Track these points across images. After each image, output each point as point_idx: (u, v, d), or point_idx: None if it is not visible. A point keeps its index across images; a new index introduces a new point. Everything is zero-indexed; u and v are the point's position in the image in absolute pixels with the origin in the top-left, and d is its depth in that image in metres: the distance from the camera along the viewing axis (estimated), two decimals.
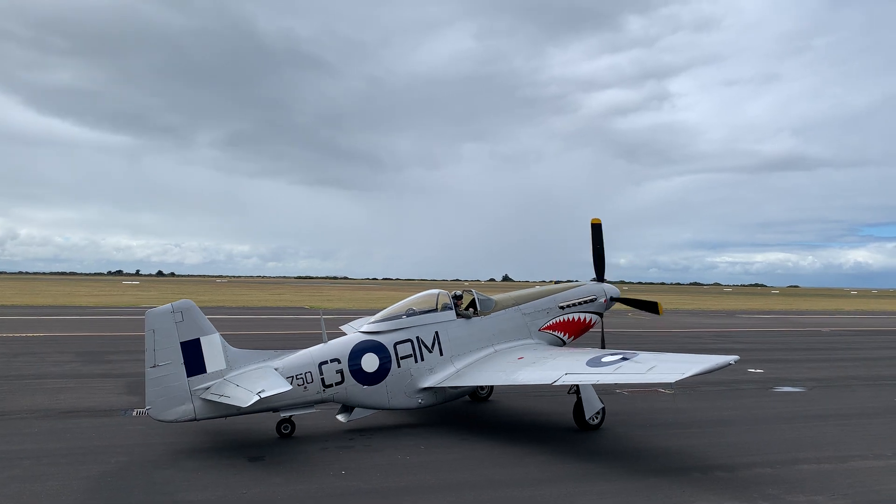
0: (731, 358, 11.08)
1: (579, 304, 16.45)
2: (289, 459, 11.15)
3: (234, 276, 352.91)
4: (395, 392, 13.58)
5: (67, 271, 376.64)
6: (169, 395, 11.67)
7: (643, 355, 12.43)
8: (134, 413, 14.79)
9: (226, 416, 12.15)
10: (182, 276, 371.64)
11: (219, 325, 12.81)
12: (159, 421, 11.78)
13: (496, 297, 15.64)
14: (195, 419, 11.85)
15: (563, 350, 14.40)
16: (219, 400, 11.66)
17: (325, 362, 13.06)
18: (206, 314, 12.32)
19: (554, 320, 15.99)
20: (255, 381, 11.90)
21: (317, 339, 14.13)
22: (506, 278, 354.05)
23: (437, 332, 14.23)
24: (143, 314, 12.05)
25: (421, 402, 13.81)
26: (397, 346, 13.75)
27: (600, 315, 16.91)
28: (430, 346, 14.10)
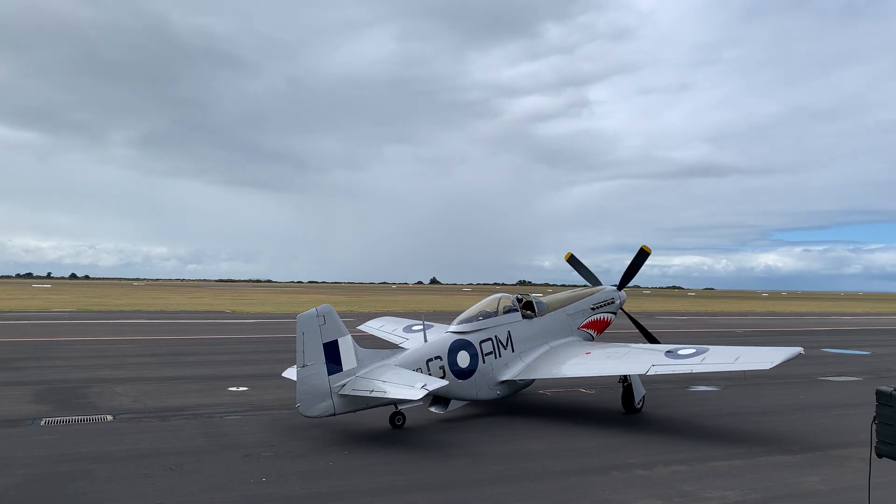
0: (800, 349, 13.46)
1: (604, 305, 18.63)
2: (208, 467, 10.85)
3: (151, 279, 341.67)
4: (481, 385, 15.09)
5: None
6: (314, 392, 12.68)
7: (717, 348, 14.52)
8: (42, 423, 14.13)
9: (355, 411, 13.10)
10: (97, 278, 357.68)
11: (135, 330, 12.40)
12: (306, 417, 12.80)
13: (545, 299, 17.40)
14: (334, 414, 12.84)
15: (630, 345, 16.25)
16: (370, 395, 12.68)
17: (431, 359, 14.40)
18: (121, 318, 11.93)
19: (588, 320, 18.14)
20: (396, 377, 13.08)
21: (233, 346, 13.83)
22: (433, 281, 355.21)
23: (509, 332, 15.96)
24: (54, 318, 11.58)
25: (499, 393, 15.46)
26: (482, 344, 15.30)
27: (615, 314, 19.03)
28: (504, 343, 15.76)
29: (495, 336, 15.63)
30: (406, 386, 12.72)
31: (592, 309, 18.26)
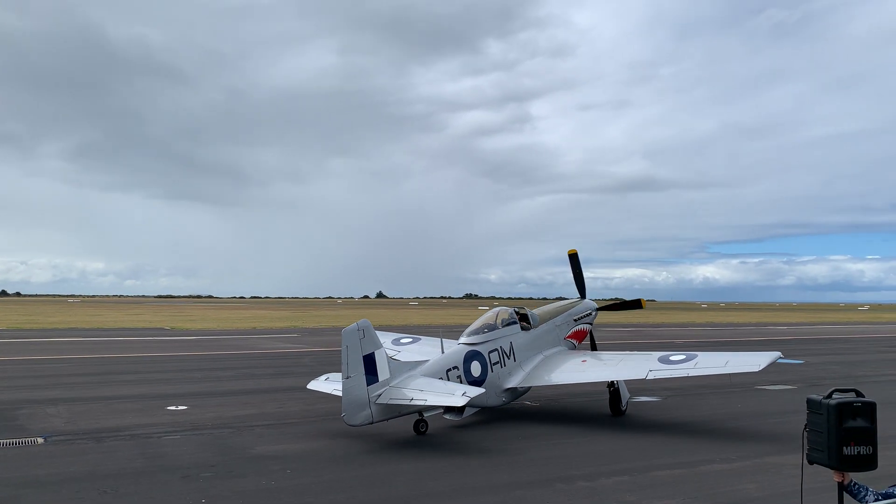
0: (778, 353, 15.33)
1: (583, 317, 20.00)
2: (145, 490, 10.52)
3: (88, 296, 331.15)
4: (490, 393, 15.75)
5: None
6: (356, 402, 13.36)
7: (706, 354, 15.99)
8: None
9: (388, 419, 13.87)
10: (30, 295, 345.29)
11: (69, 349, 11.98)
12: (350, 426, 13.46)
13: (536, 312, 18.63)
14: (372, 422, 13.56)
15: (620, 353, 17.93)
16: (411, 403, 13.55)
17: (450, 369, 15.36)
18: (55, 336, 11.52)
19: (572, 330, 19.47)
20: (432, 385, 14.12)
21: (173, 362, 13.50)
22: (380, 295, 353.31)
23: (511, 342, 17.05)
24: None
25: (504, 400, 16.57)
26: (490, 355, 16.34)
27: (591, 325, 20.51)
28: (508, 353, 16.84)
29: (500, 347, 16.71)
30: (447, 394, 13.81)
31: (575, 321, 19.64)
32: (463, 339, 16.67)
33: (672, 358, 16.01)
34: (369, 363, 13.61)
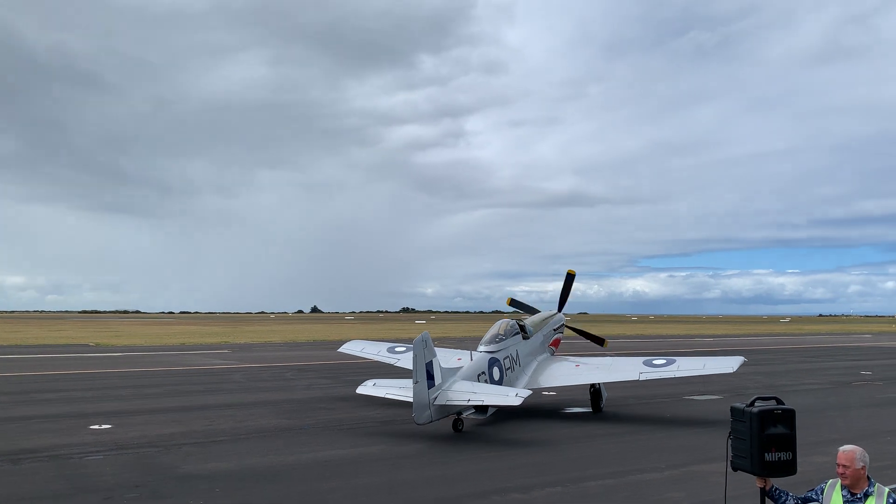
0: (743, 358, 18.52)
1: (559, 328, 23.00)
2: None
3: (6, 311, 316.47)
4: None
5: None
6: (422, 404, 15.12)
7: (684, 358, 18.81)
8: None
9: (440, 419, 15.57)
10: None
11: None
12: (417, 424, 15.26)
13: (528, 323, 21.04)
14: (431, 421, 15.31)
15: (609, 358, 20.83)
16: (468, 403, 15.70)
17: (479, 374, 17.37)
18: None
19: (553, 339, 22.33)
20: (484, 388, 16.46)
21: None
22: (315, 310, 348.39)
23: (517, 350, 19.25)
24: None
25: None
26: (504, 361, 18.41)
27: (562, 333, 23.43)
28: (515, 360, 18.99)
29: (511, 354, 18.82)
30: (502, 395, 16.02)
31: (554, 331, 22.37)
32: (482, 348, 18.71)
33: (655, 362, 18.16)
34: (429, 369, 15.39)
